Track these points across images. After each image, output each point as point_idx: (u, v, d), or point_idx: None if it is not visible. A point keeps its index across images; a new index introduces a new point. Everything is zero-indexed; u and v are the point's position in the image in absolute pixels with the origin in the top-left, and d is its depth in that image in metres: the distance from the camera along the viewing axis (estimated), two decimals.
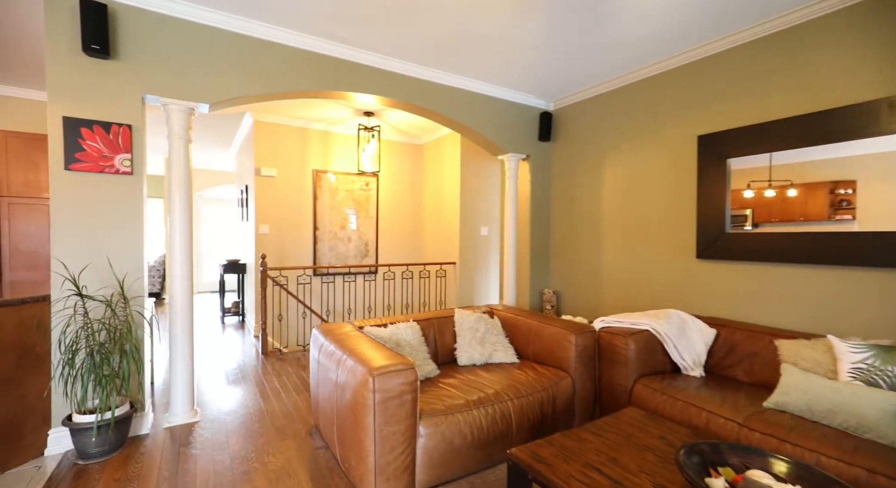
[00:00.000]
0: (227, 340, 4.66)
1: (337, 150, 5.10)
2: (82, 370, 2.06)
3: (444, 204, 5.24)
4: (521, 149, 3.93)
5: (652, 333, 2.47)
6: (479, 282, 5.13)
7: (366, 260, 5.32)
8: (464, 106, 3.55)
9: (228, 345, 4.42)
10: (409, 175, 5.66)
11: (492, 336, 2.81)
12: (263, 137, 4.66)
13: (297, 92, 2.87)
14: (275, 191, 4.73)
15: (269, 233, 4.70)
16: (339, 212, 5.14)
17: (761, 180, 2.63)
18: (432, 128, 5.13)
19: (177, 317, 2.53)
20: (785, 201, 2.52)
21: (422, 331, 2.66)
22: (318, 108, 4.36)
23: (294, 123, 4.79)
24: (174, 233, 2.53)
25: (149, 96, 2.41)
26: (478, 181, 5.07)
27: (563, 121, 3.98)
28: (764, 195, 2.61)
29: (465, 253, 5.00)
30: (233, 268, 5.46)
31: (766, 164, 2.60)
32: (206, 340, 4.64)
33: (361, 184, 5.28)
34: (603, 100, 3.60)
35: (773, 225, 2.57)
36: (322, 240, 5.03)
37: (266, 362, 3.79)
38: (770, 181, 2.59)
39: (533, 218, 4.03)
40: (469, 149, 4.96)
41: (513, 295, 4.02)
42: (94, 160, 2.26)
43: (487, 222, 5.17)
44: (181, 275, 2.54)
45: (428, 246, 5.59)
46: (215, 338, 4.73)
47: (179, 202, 2.53)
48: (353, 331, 2.36)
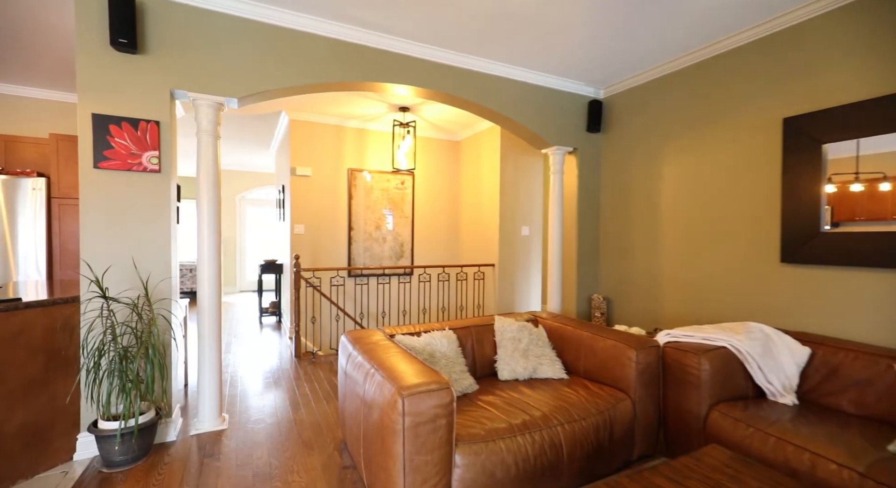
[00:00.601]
0: (263, 341, 4.64)
1: (372, 148, 4.97)
2: (105, 375, 1.99)
3: (482, 203, 4.98)
4: (567, 141, 3.60)
5: (730, 351, 2.09)
6: (520, 286, 4.83)
7: (401, 261, 5.15)
8: (504, 95, 3.28)
9: (263, 346, 4.39)
10: (445, 173, 5.45)
11: (536, 347, 2.52)
12: (299, 136, 4.60)
13: (327, 84, 2.71)
14: (310, 191, 4.66)
15: (304, 233, 4.64)
16: (374, 211, 5.01)
17: (845, 173, 2.20)
18: (470, 123, 4.88)
19: (204, 320, 2.43)
20: (874, 197, 2.08)
21: (458, 341, 2.42)
22: (352, 105, 4.24)
23: (329, 121, 4.70)
24: (202, 233, 2.43)
25: (177, 91, 2.32)
26: (518, 178, 4.77)
27: (615, 109, 3.60)
28: (848, 190, 2.18)
29: (505, 254, 4.71)
30: (270, 268, 5.46)
31: (851, 155, 2.18)
32: (243, 340, 4.64)
33: (397, 182, 5.13)
34: (662, 84, 3.20)
35: (857, 224, 2.15)
36: (357, 241, 4.91)
37: (299, 366, 3.69)
38: (857, 173, 2.15)
39: (580, 216, 3.68)
40: (509, 144, 4.67)
41: (558, 300, 3.69)
42: (122, 158, 2.19)
43: (529, 221, 4.86)
44: (209, 277, 2.44)
45: (465, 247, 5.34)
46: (252, 339, 4.73)
47: (208, 200, 2.44)
48: (384, 339, 2.15)
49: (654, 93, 3.27)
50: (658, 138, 3.25)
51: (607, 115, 3.67)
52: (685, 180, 3.05)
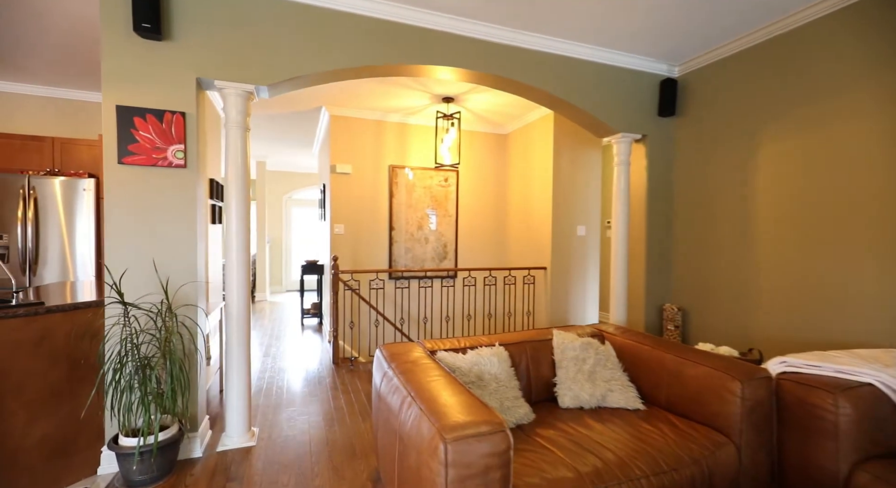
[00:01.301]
0: (303, 344, 4.51)
1: (414, 144, 4.70)
2: (123, 387, 1.82)
3: (533, 200, 4.57)
4: (635, 127, 3.12)
5: (880, 390, 1.58)
6: (575, 292, 4.36)
7: (444, 263, 4.85)
8: (562, 76, 2.87)
9: (302, 350, 4.25)
10: (492, 169, 5.08)
11: (604, 369, 2.10)
12: (339, 132, 4.42)
13: (365, 68, 2.45)
14: (350, 189, 4.47)
15: (344, 233, 4.46)
16: (415, 210, 4.75)
17: None
18: (518, 114, 4.49)
19: (232, 329, 2.24)
20: None
21: (511, 360, 2.06)
22: (393, 97, 3.99)
23: (369, 116, 4.49)
24: (230, 234, 2.25)
25: (203, 79, 2.15)
26: (574, 172, 4.31)
27: (694, 89, 3.08)
28: None
29: (558, 256, 4.27)
30: (311, 268, 5.36)
31: None
32: (283, 343, 4.54)
33: (440, 179, 4.83)
34: (758, 54, 2.66)
35: None
36: (398, 241, 4.67)
37: (336, 373, 3.48)
38: None
39: (649, 213, 3.19)
40: (564, 135, 4.23)
41: (623, 310, 3.22)
42: (146, 152, 2.04)
43: (585, 220, 4.38)
44: (237, 282, 2.25)
45: (513, 248, 4.95)
46: (292, 341, 4.62)
47: (236, 198, 2.25)
48: (425, 357, 1.84)
49: (746, 66, 2.72)
50: (751, 121, 2.70)
51: (684, 95, 3.15)
52: (789, 169, 2.50)
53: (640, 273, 3.23)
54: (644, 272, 3.20)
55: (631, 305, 3.27)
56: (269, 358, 3.95)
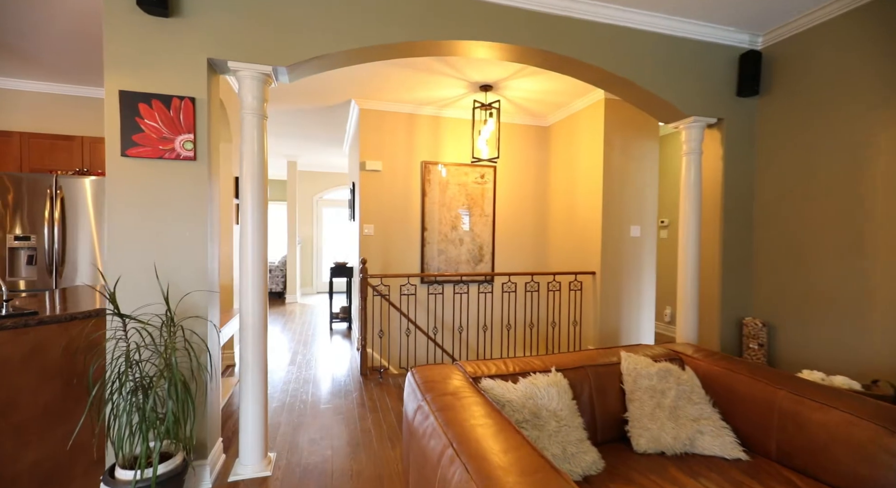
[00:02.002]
0: (330, 351, 4.27)
1: (448, 138, 4.37)
2: (121, 410, 1.58)
3: (578, 198, 4.13)
4: (709, 110, 2.65)
5: None
6: (628, 300, 3.89)
7: (480, 266, 4.49)
8: (620, 50, 2.46)
9: (329, 358, 4.00)
10: (532, 164, 4.67)
11: (689, 404, 1.69)
12: (368, 127, 4.15)
13: (392, 45, 2.14)
14: (380, 187, 4.20)
15: (374, 233, 4.18)
16: (449, 209, 4.41)
17: None
18: (563, 102, 4.07)
19: (247, 343, 1.98)
20: None
21: (571, 390, 1.68)
22: (426, 87, 3.67)
23: (400, 109, 4.20)
24: (245, 235, 1.98)
25: (215, 60, 1.90)
26: (627, 166, 3.85)
27: (784, 62, 2.58)
28: None
29: (609, 260, 3.81)
30: (340, 271, 5.14)
31: None
32: (310, 350, 4.31)
33: (476, 176, 4.48)
34: (873, 12, 2.14)
35: None
36: (430, 243, 4.35)
37: (364, 386, 3.20)
38: None
39: (726, 211, 2.71)
40: (616, 124, 3.77)
41: (692, 324, 2.75)
42: (152, 143, 1.80)
43: (639, 219, 3.90)
44: (253, 288, 1.98)
45: (555, 251, 4.52)
46: (319, 348, 4.39)
47: (252, 193, 1.98)
48: (466, 386, 1.49)
49: (856, 30, 2.21)
50: (867, 97, 2.19)
51: (769, 71, 2.65)
52: None
53: (714, 281, 2.75)
54: (719, 280, 2.72)
55: (703, 318, 2.79)
56: (294, 366, 3.72)
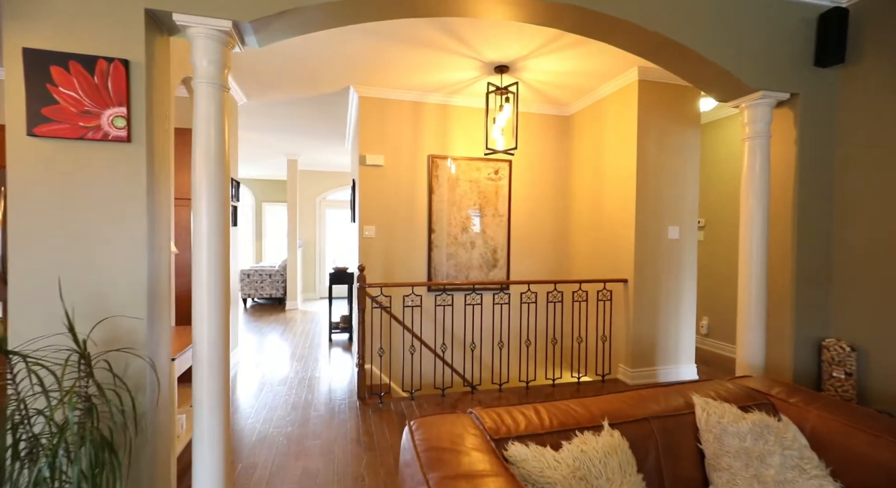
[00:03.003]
0: (327, 366, 3.83)
1: (458, 129, 3.92)
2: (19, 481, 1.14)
3: (606, 195, 3.64)
4: (780, 83, 2.15)
5: None
6: (666, 311, 3.39)
7: (493, 272, 4.01)
8: (670, 6, 1.97)
9: (325, 375, 3.55)
10: (552, 158, 4.19)
11: (801, 477, 1.19)
12: (369, 117, 3.72)
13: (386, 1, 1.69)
14: (382, 184, 3.75)
15: (375, 236, 3.74)
16: (459, 209, 3.95)
17: None
18: (588, 86, 3.58)
19: (201, 381, 1.52)
20: None
21: (633, 455, 1.20)
22: (433, 70, 3.22)
23: (404, 97, 3.75)
24: (199, 240, 1.54)
25: (156, 12, 1.46)
26: (664, 159, 3.35)
27: (878, 22, 2.07)
28: None
29: (644, 266, 3.32)
30: (340, 277, 4.71)
31: None
32: (305, 364, 3.87)
33: (489, 172, 4.01)
34: None
35: None
36: (438, 246, 3.89)
37: (360, 414, 2.74)
38: None
39: (800, 208, 2.20)
40: (651, 110, 3.28)
41: (758, 345, 2.24)
42: (70, 118, 1.37)
43: (678, 219, 3.40)
44: (210, 309, 1.53)
45: (579, 254, 4.03)
46: (315, 362, 3.95)
47: (208, 186, 1.54)
48: (485, 457, 1.02)
49: None
50: None
51: (858, 34, 2.14)
52: None
53: (785, 292, 2.24)
54: (791, 291, 2.21)
55: (771, 338, 2.28)
56: (284, 386, 3.28)
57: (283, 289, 6.98)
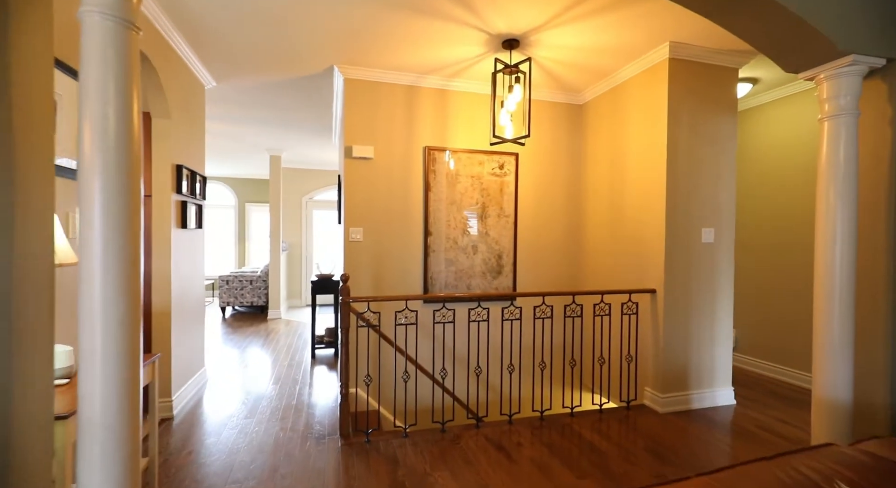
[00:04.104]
0: (307, 391, 3.31)
1: (458, 118, 3.44)
2: None
3: (628, 193, 3.18)
4: (873, 45, 1.70)
5: None
6: (699, 325, 2.93)
7: (498, 280, 3.53)
8: None
9: (304, 402, 3.04)
10: (563, 151, 3.73)
11: None
12: (356, 102, 3.22)
13: None
14: (371, 180, 3.26)
15: (363, 239, 3.24)
16: (460, 208, 3.47)
17: None
18: (607, 66, 3.12)
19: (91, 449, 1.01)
20: None
21: None
22: (431, 44, 2.74)
23: (398, 80, 3.26)
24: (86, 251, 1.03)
25: None
26: (699, 150, 2.89)
27: None
28: None
29: (675, 274, 2.85)
30: (324, 286, 4.19)
31: None
32: (282, 387, 3.35)
33: (493, 166, 3.53)
34: None
35: None
36: (436, 251, 3.40)
37: (342, 459, 2.23)
38: None
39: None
40: (683, 94, 2.83)
41: (846, 379, 1.78)
42: None
43: (714, 220, 2.95)
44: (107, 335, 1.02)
45: (596, 260, 3.56)
46: (294, 384, 3.43)
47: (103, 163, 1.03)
48: None
49: None
50: None
51: None
52: None
53: (878, 307, 1.78)
54: (888, 307, 1.76)
55: (861, 368, 1.81)
56: (252, 419, 2.75)
57: (265, 296, 6.43)
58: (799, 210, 3.40)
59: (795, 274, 3.41)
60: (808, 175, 3.33)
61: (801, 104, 3.37)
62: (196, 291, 3.22)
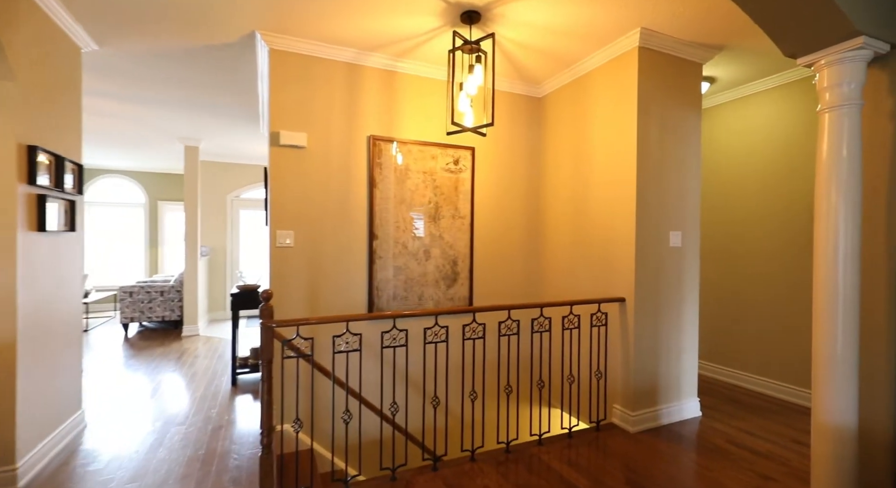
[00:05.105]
0: (226, 429, 2.68)
1: (408, 104, 3.00)
2: None
3: (593, 193, 2.93)
4: (883, 27, 1.52)
5: None
6: (668, 336, 2.74)
7: (453, 289, 3.14)
8: None
9: (218, 447, 2.42)
10: (523, 147, 3.43)
11: None
12: (285, 79, 2.67)
13: None
14: (304, 174, 2.72)
15: (295, 244, 2.69)
16: (410, 207, 3.03)
17: None
18: (572, 52, 2.86)
19: None
20: None
21: None
22: (376, 11, 2.28)
23: (337, 55, 2.76)
24: None
25: None
26: (669, 148, 2.71)
27: None
28: None
29: (644, 281, 2.64)
30: (249, 299, 3.55)
31: None
32: (189, 428, 2.69)
33: (447, 161, 3.14)
34: None
35: None
36: (383, 257, 2.93)
37: None
38: None
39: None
40: (652, 88, 2.62)
41: (850, 398, 1.59)
42: None
43: (680, 223, 2.78)
44: None
45: (558, 267, 3.29)
46: (205, 423, 2.78)
47: None
48: None
49: None
50: None
51: None
52: None
53: (880, 324, 1.62)
54: (889, 318, 1.60)
55: (865, 388, 1.64)
56: (140, 484, 2.10)
57: (179, 309, 5.52)
58: (753, 215, 3.37)
59: (749, 278, 3.38)
60: (764, 178, 3.30)
61: (757, 106, 3.34)
62: (66, 311, 2.47)
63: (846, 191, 1.58)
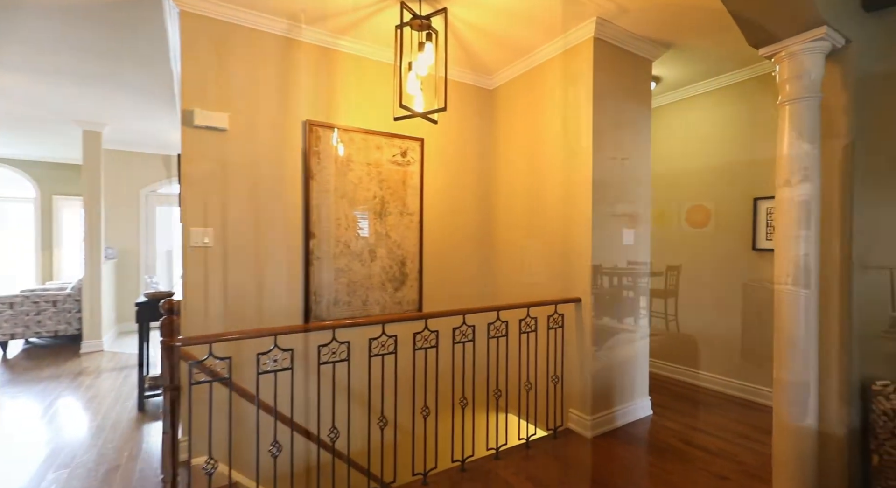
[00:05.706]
0: (125, 470, 2.21)
1: (350, 87, 2.70)
2: None
3: (547, 190, 2.82)
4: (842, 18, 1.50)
5: None
6: (622, 335, 2.69)
7: (401, 292, 2.88)
8: None
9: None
10: (474, 140, 3.25)
11: None
12: (200, 48, 2.26)
13: None
14: (225, 161, 2.33)
15: (215, 244, 2.29)
16: (353, 203, 2.73)
17: None
18: (526, 41, 2.72)
19: None
20: None
21: None
22: None
23: (267, 27, 2.40)
24: None
25: None
26: (624, 143, 2.65)
27: None
28: None
29: (600, 280, 2.56)
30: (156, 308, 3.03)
31: None
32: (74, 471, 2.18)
33: (394, 152, 2.87)
34: None
35: None
36: (322, 257, 2.60)
37: None
38: None
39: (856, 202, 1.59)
40: (606, 81, 2.55)
41: (811, 397, 1.56)
42: None
43: (632, 221, 2.74)
44: None
45: (509, 266, 3.15)
46: (99, 461, 2.28)
47: None
48: None
49: None
50: None
51: None
52: None
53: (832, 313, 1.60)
54: (842, 311, 1.59)
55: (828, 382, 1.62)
56: None
57: (78, 321, 4.72)
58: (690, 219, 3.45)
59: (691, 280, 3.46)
60: (701, 179, 3.38)
61: (698, 109, 3.42)
62: None
63: (808, 182, 1.55)
